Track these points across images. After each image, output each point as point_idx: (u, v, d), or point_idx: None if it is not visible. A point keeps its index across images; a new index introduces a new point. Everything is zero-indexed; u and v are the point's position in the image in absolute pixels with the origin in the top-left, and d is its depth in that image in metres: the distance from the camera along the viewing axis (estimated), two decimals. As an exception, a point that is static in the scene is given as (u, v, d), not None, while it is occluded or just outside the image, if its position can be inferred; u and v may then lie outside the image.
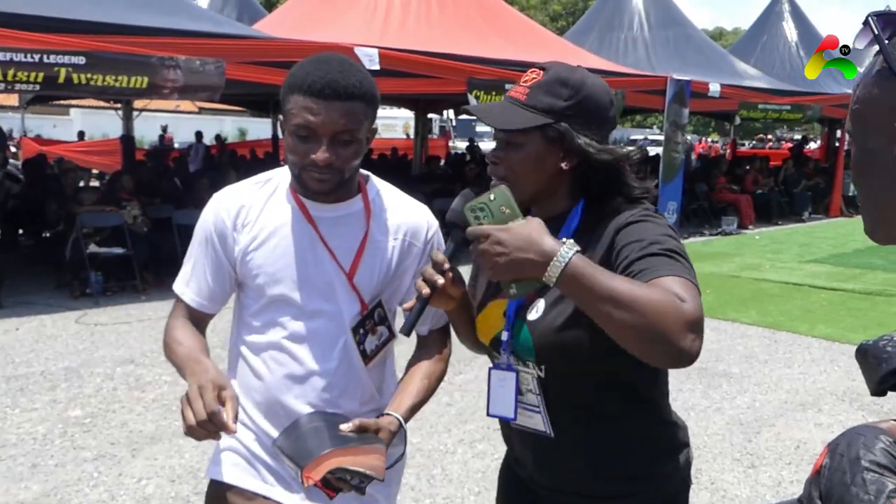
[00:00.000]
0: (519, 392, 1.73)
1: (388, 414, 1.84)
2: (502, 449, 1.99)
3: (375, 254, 1.90)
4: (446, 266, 1.61)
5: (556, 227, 1.69)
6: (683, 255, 1.53)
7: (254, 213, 1.89)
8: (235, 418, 1.63)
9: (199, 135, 19.68)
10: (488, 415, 1.78)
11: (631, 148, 1.72)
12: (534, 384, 1.71)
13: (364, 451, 1.70)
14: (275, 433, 1.85)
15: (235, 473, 1.92)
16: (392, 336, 1.97)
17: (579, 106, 1.64)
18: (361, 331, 1.90)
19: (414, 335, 2.04)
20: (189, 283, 1.95)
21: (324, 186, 1.79)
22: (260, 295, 1.88)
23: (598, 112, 1.67)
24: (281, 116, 1.82)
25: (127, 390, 5.67)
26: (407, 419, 1.85)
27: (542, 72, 1.68)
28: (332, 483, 1.67)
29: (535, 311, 1.68)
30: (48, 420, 5.09)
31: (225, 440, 1.98)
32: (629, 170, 1.68)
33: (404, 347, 2.00)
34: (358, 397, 1.93)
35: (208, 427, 1.60)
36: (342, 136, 1.75)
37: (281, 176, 1.93)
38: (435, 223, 2.00)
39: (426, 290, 1.60)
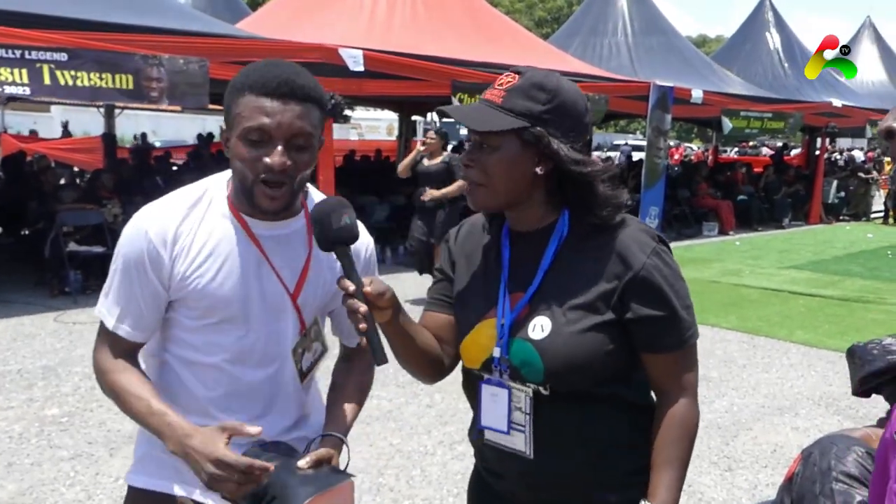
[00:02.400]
0: (510, 409, 1.70)
1: (330, 435, 1.79)
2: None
3: (319, 273, 1.83)
4: (351, 289, 1.54)
5: (541, 242, 1.70)
6: (689, 304, 1.69)
7: (190, 237, 1.75)
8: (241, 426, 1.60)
9: (209, 136, 19.48)
10: (479, 427, 1.76)
11: (607, 162, 1.70)
12: (525, 403, 1.68)
13: (337, 492, 1.64)
14: None
15: (156, 480, 1.87)
16: (325, 350, 1.94)
17: (556, 111, 1.63)
18: (300, 350, 1.85)
19: (336, 343, 2.00)
20: (123, 316, 1.77)
21: (276, 204, 1.68)
22: (202, 316, 1.77)
23: (575, 118, 1.65)
24: (223, 126, 1.70)
25: (105, 389, 5.62)
26: (345, 433, 1.82)
27: (517, 76, 1.67)
28: None
29: (541, 331, 1.64)
30: (24, 419, 5.06)
31: (141, 449, 1.94)
32: (602, 180, 1.66)
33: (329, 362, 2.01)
34: (291, 415, 1.90)
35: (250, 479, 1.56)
36: (298, 140, 1.65)
37: (215, 189, 1.80)
38: (368, 239, 1.92)
39: (362, 326, 1.53)
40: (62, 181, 11.66)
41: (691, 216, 15.94)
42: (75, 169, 16.83)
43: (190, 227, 1.75)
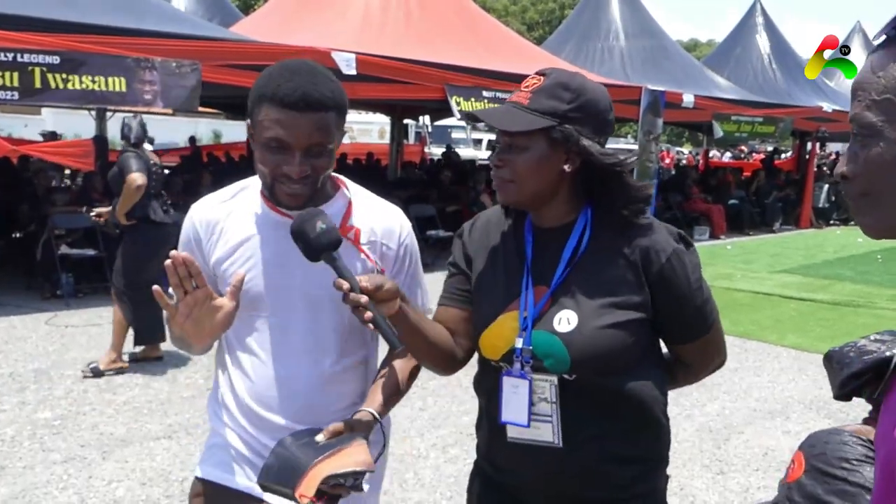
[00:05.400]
0: (530, 402, 1.72)
1: (360, 410, 1.81)
2: (474, 454, 1.99)
3: (351, 260, 1.84)
4: (346, 286, 1.59)
5: (562, 238, 1.75)
6: (707, 297, 1.80)
7: (229, 225, 1.87)
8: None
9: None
10: (500, 422, 1.76)
11: (628, 154, 1.77)
12: (550, 392, 1.71)
13: (346, 451, 1.67)
14: (258, 434, 1.86)
15: (220, 472, 1.94)
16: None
17: (581, 109, 1.69)
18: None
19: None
20: None
21: (298, 201, 1.77)
22: (242, 308, 1.84)
23: (599, 116, 1.72)
24: (248, 122, 1.78)
25: (98, 393, 5.62)
26: (381, 413, 1.82)
27: (542, 77, 1.72)
28: (329, 493, 1.63)
29: (566, 323, 1.69)
30: (17, 422, 5.04)
31: (211, 439, 1.99)
32: (628, 173, 1.73)
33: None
34: (336, 403, 1.92)
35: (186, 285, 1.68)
36: (315, 148, 1.73)
37: (254, 184, 1.91)
38: (408, 225, 1.99)
39: (367, 316, 1.57)
40: (54, 183, 11.62)
41: (683, 220, 15.98)
42: (66, 171, 16.77)
43: (228, 215, 1.88)
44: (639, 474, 1.78)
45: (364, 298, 1.57)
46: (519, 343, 1.72)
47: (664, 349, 1.88)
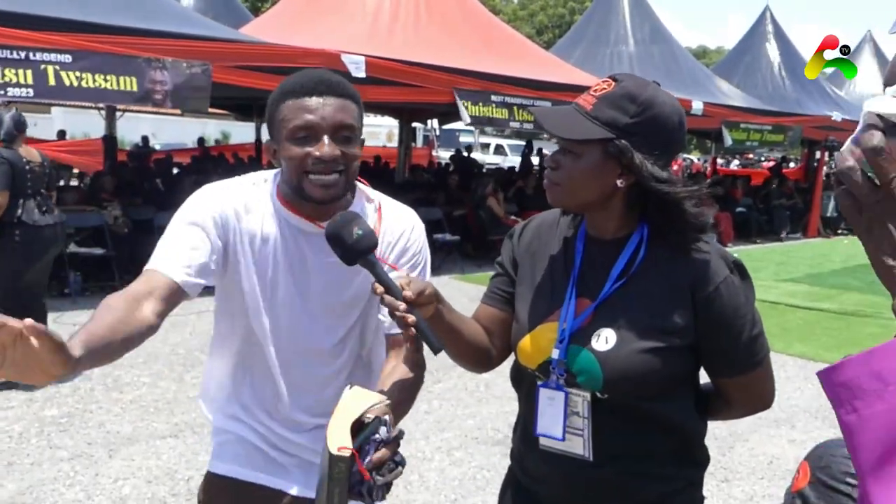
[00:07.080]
0: (566, 415, 1.69)
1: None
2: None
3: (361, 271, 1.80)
4: (380, 290, 1.56)
5: (615, 252, 1.69)
6: (757, 332, 1.71)
7: (252, 217, 1.81)
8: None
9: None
10: (535, 434, 1.73)
11: (694, 186, 1.66)
12: (582, 407, 1.67)
13: (352, 394, 1.60)
14: (269, 422, 1.90)
15: (232, 466, 1.96)
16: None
17: (644, 124, 1.59)
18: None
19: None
20: (176, 257, 1.68)
21: (330, 192, 1.71)
22: (258, 311, 1.85)
23: (664, 133, 1.62)
24: (267, 143, 1.76)
25: (105, 391, 5.64)
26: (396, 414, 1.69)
27: (613, 83, 1.64)
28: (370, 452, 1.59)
29: (604, 342, 1.64)
30: (24, 419, 5.07)
31: (221, 435, 2.00)
32: (686, 199, 1.64)
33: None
34: (313, 411, 1.95)
35: None
36: (343, 132, 1.71)
37: (270, 184, 1.85)
38: (421, 226, 1.96)
39: (410, 319, 1.54)
40: (62, 183, 11.67)
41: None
42: (75, 171, 16.85)
43: (250, 206, 1.81)
44: (670, 492, 1.75)
45: (403, 305, 1.54)
46: (555, 354, 1.68)
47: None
